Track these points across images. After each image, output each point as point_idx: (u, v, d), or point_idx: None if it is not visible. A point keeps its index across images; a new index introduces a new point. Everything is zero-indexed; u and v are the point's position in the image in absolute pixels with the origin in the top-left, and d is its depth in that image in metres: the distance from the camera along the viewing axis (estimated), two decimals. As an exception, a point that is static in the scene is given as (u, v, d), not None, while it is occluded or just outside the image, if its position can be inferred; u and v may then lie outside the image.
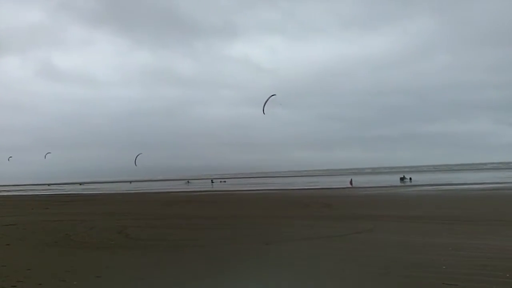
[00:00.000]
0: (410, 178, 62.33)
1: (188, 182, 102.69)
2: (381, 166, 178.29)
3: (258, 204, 28.78)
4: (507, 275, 7.40)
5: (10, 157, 74.37)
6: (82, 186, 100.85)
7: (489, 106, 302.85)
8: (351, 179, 59.86)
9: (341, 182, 63.13)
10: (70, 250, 11.66)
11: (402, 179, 63.16)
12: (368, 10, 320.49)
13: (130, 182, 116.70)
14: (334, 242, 11.74)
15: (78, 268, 9.17)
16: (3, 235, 14.95)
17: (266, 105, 34.01)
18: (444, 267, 8.12)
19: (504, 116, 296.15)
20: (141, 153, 62.73)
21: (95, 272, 8.62)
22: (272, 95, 33.99)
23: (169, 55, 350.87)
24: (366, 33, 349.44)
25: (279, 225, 15.71)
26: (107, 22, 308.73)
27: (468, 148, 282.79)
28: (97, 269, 8.94)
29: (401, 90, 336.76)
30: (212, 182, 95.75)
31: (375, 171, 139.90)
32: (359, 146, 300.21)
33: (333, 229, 14.00)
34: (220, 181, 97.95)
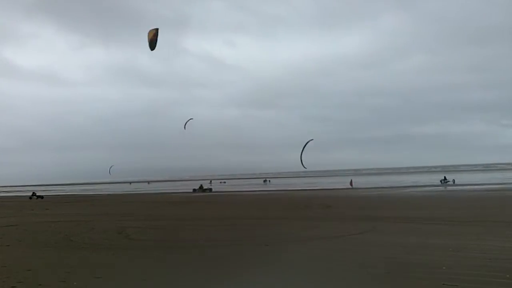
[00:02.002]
0: (268, 180, 68.92)
1: (148, 183, 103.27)
2: (377, 167, 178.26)
3: (258, 205, 28.77)
4: (507, 275, 7.40)
5: None
6: (83, 187, 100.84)
7: (478, 107, 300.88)
8: (351, 180, 59.77)
9: (340, 183, 63.17)
10: (70, 251, 11.65)
11: (264, 181, 71.97)
12: (334, 5, 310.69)
13: (130, 183, 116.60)
14: (334, 243, 11.75)
15: (78, 268, 9.17)
16: (3, 235, 14.94)
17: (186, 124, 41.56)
18: (444, 267, 8.12)
19: (494, 117, 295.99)
20: (113, 165, 71.45)
21: (95, 273, 8.62)
22: (190, 119, 41.74)
23: (125, 50, 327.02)
24: (337, 31, 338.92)
25: (279, 226, 15.70)
26: (50, 16, 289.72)
27: (463, 149, 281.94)
28: (97, 270, 8.94)
29: (384, 91, 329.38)
30: (210, 183, 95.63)
31: (372, 172, 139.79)
32: (353, 148, 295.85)
33: (333, 230, 14.01)
34: (220, 182, 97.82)
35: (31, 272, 8.81)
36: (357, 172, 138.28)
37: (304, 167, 39.36)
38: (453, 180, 53.20)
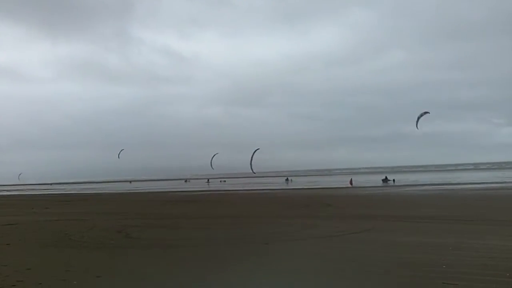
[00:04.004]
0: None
1: (130, 182, 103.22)
2: (373, 166, 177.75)
3: (257, 203, 28.79)
4: (508, 274, 7.41)
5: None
6: (83, 186, 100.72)
7: (468, 106, 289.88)
8: (351, 179, 59.86)
9: (339, 182, 63.22)
10: (70, 249, 11.65)
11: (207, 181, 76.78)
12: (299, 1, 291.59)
13: (130, 181, 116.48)
14: (333, 241, 11.75)
15: (78, 267, 9.17)
16: (3, 234, 14.94)
17: None
18: (444, 266, 8.13)
19: (486, 116, 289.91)
20: (22, 173, 77.39)
21: (95, 272, 8.63)
22: (122, 149, 43.94)
23: (76, 43, 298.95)
24: (303, 27, 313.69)
25: (278, 225, 15.71)
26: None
27: (459, 148, 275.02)
28: (97, 269, 8.95)
29: (367, 89, 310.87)
30: (208, 181, 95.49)
31: (368, 171, 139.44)
32: (345, 147, 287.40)
33: (332, 229, 14.01)
34: (220, 181, 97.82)
35: (31, 271, 8.82)
36: (354, 171, 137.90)
37: (253, 172, 40.72)
38: (393, 180, 56.79)
